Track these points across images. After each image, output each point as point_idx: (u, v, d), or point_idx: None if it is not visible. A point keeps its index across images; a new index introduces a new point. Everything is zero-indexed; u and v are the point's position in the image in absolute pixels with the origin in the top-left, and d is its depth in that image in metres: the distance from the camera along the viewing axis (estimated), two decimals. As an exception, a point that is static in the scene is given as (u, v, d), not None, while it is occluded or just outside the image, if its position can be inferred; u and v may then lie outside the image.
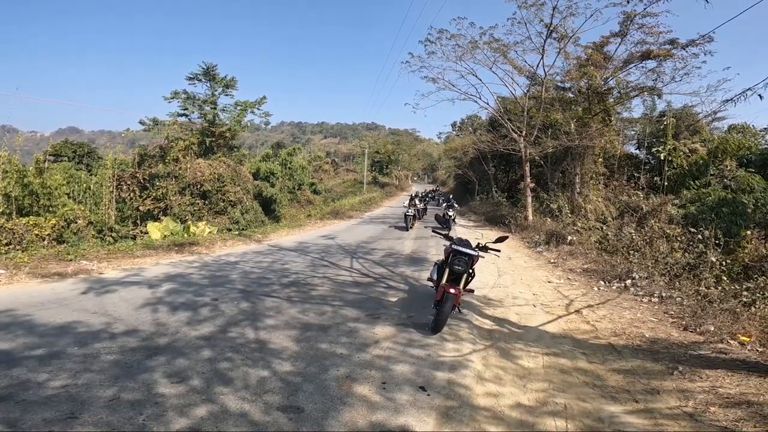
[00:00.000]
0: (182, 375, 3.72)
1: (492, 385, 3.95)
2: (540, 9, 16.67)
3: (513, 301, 7.17)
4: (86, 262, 8.57)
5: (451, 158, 49.59)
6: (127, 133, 24.88)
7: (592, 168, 20.04)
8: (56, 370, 3.67)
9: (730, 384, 3.96)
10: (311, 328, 5.22)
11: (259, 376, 3.80)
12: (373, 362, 4.25)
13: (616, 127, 22.10)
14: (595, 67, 18.23)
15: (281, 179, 37.20)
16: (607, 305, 6.96)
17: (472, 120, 40.86)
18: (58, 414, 2.96)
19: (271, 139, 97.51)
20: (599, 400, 3.72)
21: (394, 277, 8.67)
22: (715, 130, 25.92)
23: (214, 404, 3.24)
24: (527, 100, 19.94)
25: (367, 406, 3.36)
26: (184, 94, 28.36)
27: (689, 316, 6.14)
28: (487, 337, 5.35)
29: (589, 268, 9.71)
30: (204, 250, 11.46)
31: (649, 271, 8.48)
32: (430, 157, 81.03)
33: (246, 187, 23.27)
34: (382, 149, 66.27)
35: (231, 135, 28.84)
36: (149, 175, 19.89)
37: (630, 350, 4.97)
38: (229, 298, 6.40)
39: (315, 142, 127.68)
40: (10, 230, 11.79)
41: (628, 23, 16.54)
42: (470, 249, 5.52)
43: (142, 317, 5.34)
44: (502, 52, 18.73)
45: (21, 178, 14.42)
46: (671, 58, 16.62)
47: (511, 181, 29.64)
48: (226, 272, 8.52)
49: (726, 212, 14.11)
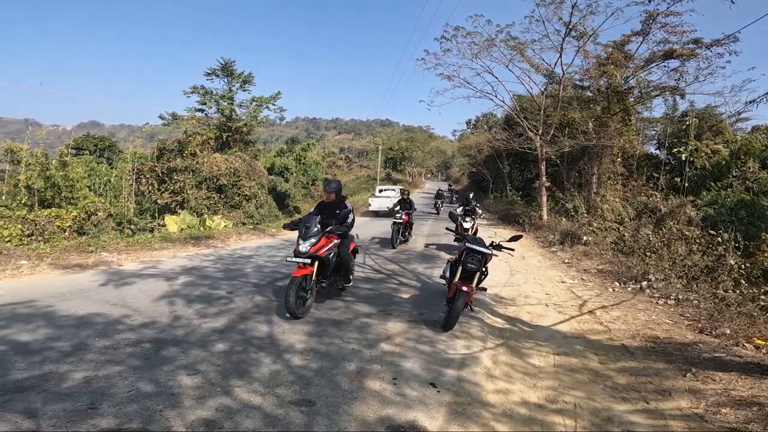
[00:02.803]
0: (198, 367, 3.81)
1: (502, 383, 3.96)
2: (559, 7, 16.42)
3: (525, 300, 7.14)
4: (106, 254, 8.79)
5: (466, 156, 49.31)
6: (146, 127, 25.34)
7: (610, 168, 19.73)
8: (77, 361, 3.79)
9: (743, 387, 3.92)
10: (323, 322, 5.29)
11: (272, 369, 3.88)
12: (384, 358, 4.29)
13: (635, 127, 21.70)
14: (615, 66, 17.89)
15: (295, 174, 37.51)
16: (622, 306, 6.89)
17: (488, 118, 40.51)
18: (79, 405, 3.06)
19: (286, 135, 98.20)
20: (609, 400, 3.71)
21: (406, 273, 8.70)
22: (738, 131, 25.25)
23: (229, 396, 3.32)
24: (544, 98, 19.70)
25: (377, 401, 3.41)
26: (202, 90, 28.74)
27: (705, 319, 6.05)
28: (498, 335, 5.35)
29: (604, 268, 9.60)
30: (219, 243, 11.64)
31: (666, 273, 8.35)
32: (444, 155, 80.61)
33: (261, 182, 23.53)
34: (396, 146, 66.17)
35: (247, 130, 29.18)
36: (167, 169, 20.26)
37: (643, 351, 4.93)
38: (244, 292, 6.51)
39: (329, 137, 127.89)
40: (32, 221, 12.13)
41: (651, 22, 16.15)
42: (484, 247, 5.52)
43: (160, 309, 5.47)
44: (519, 50, 18.51)
45: (44, 170, 14.79)
46: (695, 58, 16.23)
47: (525, 179, 29.40)
48: (240, 266, 8.65)
49: (744, 215, 13.77)
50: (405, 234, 12.99)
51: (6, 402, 3.03)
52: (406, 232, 13.10)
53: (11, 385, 3.27)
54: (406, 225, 12.98)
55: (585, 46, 17.64)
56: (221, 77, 29.10)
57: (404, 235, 12.91)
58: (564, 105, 19.68)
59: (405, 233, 12.99)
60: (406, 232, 13.04)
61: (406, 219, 12.73)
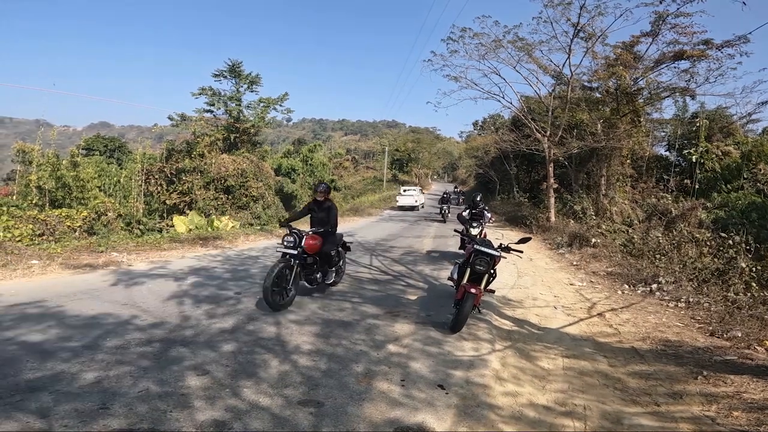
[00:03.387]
0: (206, 368, 3.83)
1: (510, 385, 3.94)
2: (567, 8, 16.31)
3: (533, 303, 7.10)
4: (116, 254, 8.87)
5: (472, 157, 49.21)
6: (155, 128, 25.54)
7: (619, 169, 19.57)
8: (88, 361, 3.81)
9: (755, 389, 3.87)
10: (331, 323, 5.29)
11: (280, 370, 3.89)
12: (392, 359, 4.29)
13: (645, 128, 21.49)
14: (624, 67, 17.73)
15: (302, 175, 37.64)
16: (631, 309, 6.83)
17: (495, 119, 40.44)
18: (90, 404, 3.08)
19: (293, 136, 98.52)
20: (619, 403, 3.68)
21: (413, 275, 8.69)
22: (749, 132, 24.99)
23: (237, 397, 3.33)
24: (552, 99, 19.59)
25: (386, 403, 3.40)
26: (210, 91, 28.91)
27: (716, 321, 5.99)
28: (506, 337, 5.33)
29: (613, 271, 9.52)
30: (227, 244, 11.70)
31: (677, 276, 8.27)
32: (451, 156, 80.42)
33: (268, 183, 23.63)
34: (402, 147, 66.11)
35: (254, 131, 29.30)
36: (176, 170, 20.39)
37: (654, 354, 4.88)
38: (251, 293, 6.54)
39: (335, 139, 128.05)
40: (43, 221, 12.26)
41: (660, 23, 15.99)
42: (492, 249, 5.50)
43: (169, 309, 5.51)
44: (526, 51, 18.42)
45: (55, 171, 14.94)
46: (705, 59, 16.05)
47: (533, 181, 29.23)
48: (248, 266, 8.69)
49: (755, 217, 13.60)
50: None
51: (19, 402, 3.06)
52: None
53: (23, 385, 3.30)
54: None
55: (594, 47, 17.51)
56: (229, 78, 29.24)
57: None
58: (572, 106, 19.54)
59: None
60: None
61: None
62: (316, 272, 6.41)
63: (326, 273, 6.66)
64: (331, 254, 6.56)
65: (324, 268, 6.60)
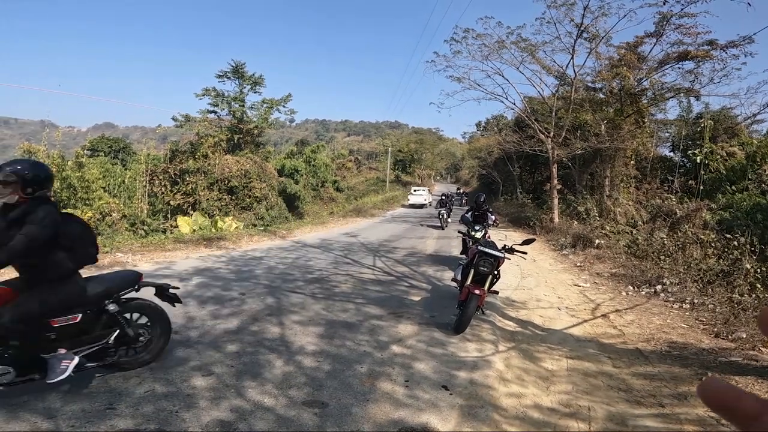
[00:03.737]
0: (211, 368, 3.85)
1: (514, 386, 3.94)
2: (570, 9, 16.30)
3: (537, 304, 7.09)
4: (121, 255, 8.91)
5: (475, 158, 49.06)
6: (159, 129, 25.64)
7: (623, 170, 19.50)
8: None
9: (759, 390, 3.88)
10: (335, 324, 5.30)
11: (284, 371, 3.90)
12: (396, 360, 4.30)
13: (649, 129, 21.44)
14: (628, 67, 17.70)
15: (305, 176, 37.71)
16: (636, 310, 6.81)
17: (498, 120, 40.29)
18: (97, 405, 3.10)
19: (296, 137, 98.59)
20: (624, 404, 3.67)
21: (416, 276, 8.69)
22: (754, 133, 24.85)
23: (242, 398, 3.35)
24: (555, 100, 19.56)
25: (390, 403, 3.41)
26: (213, 92, 29.03)
27: (721, 323, 5.96)
28: (510, 338, 5.32)
29: (617, 272, 9.50)
30: (231, 245, 11.73)
31: (681, 277, 8.25)
32: (454, 157, 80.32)
33: (271, 184, 23.69)
34: (405, 148, 66.07)
35: (258, 132, 29.39)
36: (180, 171, 20.47)
37: (658, 355, 4.87)
38: (256, 293, 6.56)
39: (338, 139, 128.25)
40: (49, 222, 12.30)
41: (664, 24, 15.95)
42: (496, 251, 5.51)
43: (174, 310, 5.49)
44: (530, 52, 18.41)
45: (60, 171, 15.01)
46: (710, 60, 16.00)
47: (536, 182, 29.19)
48: (251, 267, 8.71)
49: (760, 218, 13.53)
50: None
51: (25, 402, 3.08)
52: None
53: (30, 386, 3.32)
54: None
55: (597, 48, 17.48)
56: (232, 79, 29.36)
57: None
58: (576, 107, 19.50)
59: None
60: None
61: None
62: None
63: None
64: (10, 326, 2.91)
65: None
